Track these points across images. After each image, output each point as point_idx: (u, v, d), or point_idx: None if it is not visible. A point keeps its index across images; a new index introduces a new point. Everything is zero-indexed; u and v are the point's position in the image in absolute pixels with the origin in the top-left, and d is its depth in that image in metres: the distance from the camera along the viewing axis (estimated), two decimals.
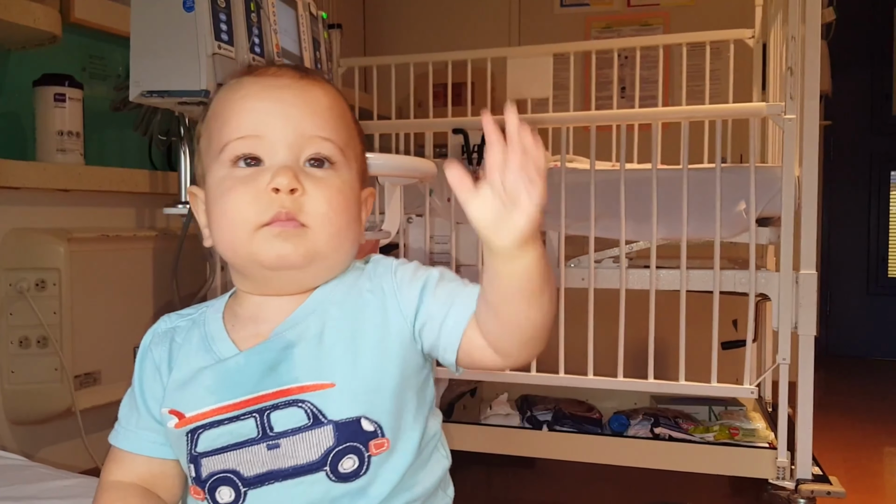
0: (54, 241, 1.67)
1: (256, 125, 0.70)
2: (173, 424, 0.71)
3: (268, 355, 0.70)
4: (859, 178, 4.32)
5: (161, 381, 0.74)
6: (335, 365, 0.69)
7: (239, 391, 0.69)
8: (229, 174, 0.70)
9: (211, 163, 0.72)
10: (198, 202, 0.76)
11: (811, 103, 1.69)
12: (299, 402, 0.68)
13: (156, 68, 1.35)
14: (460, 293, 0.72)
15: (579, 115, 2.41)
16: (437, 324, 0.70)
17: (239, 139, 0.70)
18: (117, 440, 0.76)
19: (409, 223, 2.06)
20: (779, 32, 2.01)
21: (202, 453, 0.70)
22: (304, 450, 0.68)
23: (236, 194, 0.69)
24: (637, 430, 2.00)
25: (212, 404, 0.70)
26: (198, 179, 0.76)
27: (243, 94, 0.72)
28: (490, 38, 3.29)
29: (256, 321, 0.73)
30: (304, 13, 1.66)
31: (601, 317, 1.87)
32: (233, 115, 0.71)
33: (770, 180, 1.78)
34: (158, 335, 0.77)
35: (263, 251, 0.68)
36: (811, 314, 1.71)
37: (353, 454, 0.68)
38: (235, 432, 0.69)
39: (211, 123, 0.73)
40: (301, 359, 0.69)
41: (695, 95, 2.51)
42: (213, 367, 0.71)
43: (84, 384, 1.72)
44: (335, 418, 0.68)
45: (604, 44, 2.75)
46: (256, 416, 0.68)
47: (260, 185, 0.68)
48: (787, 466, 1.74)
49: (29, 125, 1.77)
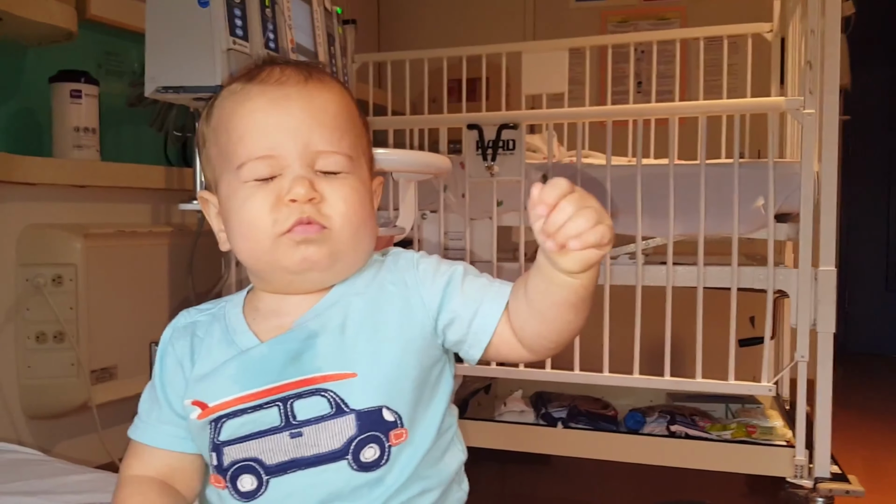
0: (71, 237, 1.68)
1: (271, 146, 0.71)
2: (196, 416, 0.72)
3: (291, 345, 0.71)
4: (878, 173, 4.28)
5: (183, 375, 0.75)
6: (358, 355, 0.70)
7: (262, 380, 0.70)
8: (245, 186, 0.71)
9: (223, 173, 0.73)
10: (210, 208, 0.77)
11: (831, 98, 1.67)
12: (322, 392, 0.69)
13: (171, 64, 1.35)
14: (489, 291, 0.73)
15: (595, 110, 2.40)
16: (466, 321, 0.72)
17: (256, 160, 0.71)
18: (137, 434, 0.77)
19: (424, 219, 2.05)
20: (797, 26, 1.99)
21: (225, 442, 0.70)
22: (327, 438, 0.69)
23: (255, 204, 0.70)
24: (653, 428, 1.99)
25: (235, 393, 0.71)
26: (208, 185, 0.77)
27: (251, 109, 0.72)
28: (505, 33, 3.27)
29: (279, 315, 0.74)
30: (318, 8, 1.66)
31: (617, 313, 1.85)
32: (245, 132, 0.72)
33: (789, 176, 1.76)
34: (178, 329, 0.78)
35: (287, 257, 0.70)
36: (830, 311, 1.69)
37: (375, 443, 0.69)
38: (259, 421, 0.70)
39: (220, 134, 0.74)
40: (324, 349, 0.70)
41: (712, 90, 2.48)
42: (237, 357, 0.72)
43: (100, 379, 1.73)
44: (357, 407, 0.69)
45: (620, 38, 2.73)
46: (280, 404, 0.69)
47: (278, 196, 0.70)
48: (805, 465, 1.72)
49: (45, 121, 1.78)
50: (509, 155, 1.92)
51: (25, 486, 1.15)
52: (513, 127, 1.91)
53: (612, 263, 1.88)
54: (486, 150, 1.93)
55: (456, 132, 2.01)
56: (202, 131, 0.77)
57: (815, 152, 1.71)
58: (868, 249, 4.27)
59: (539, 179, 0.67)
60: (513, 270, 1.97)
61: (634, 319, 1.84)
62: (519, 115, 1.97)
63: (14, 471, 1.23)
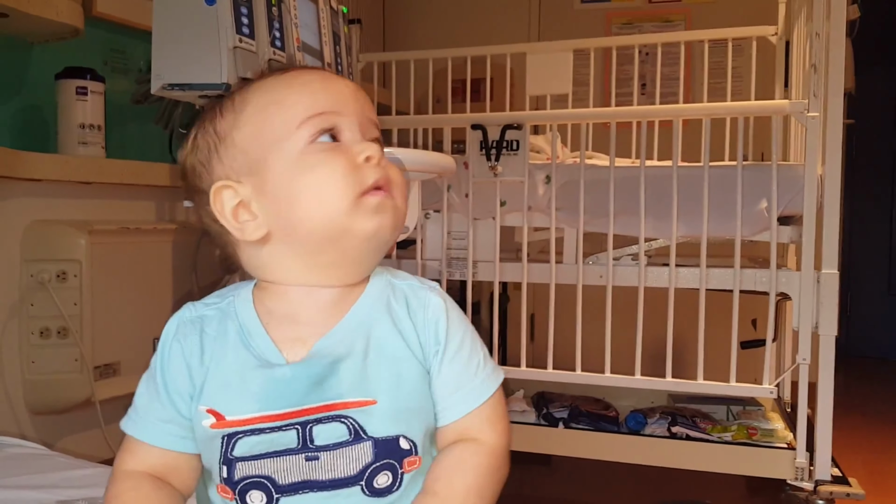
0: (75, 233, 1.69)
1: (333, 103, 0.72)
2: (209, 424, 0.70)
3: (316, 370, 0.70)
4: (882, 177, 4.28)
5: (189, 374, 0.72)
6: (379, 383, 0.70)
7: (285, 402, 0.69)
8: (310, 149, 0.70)
9: (273, 146, 0.71)
10: (227, 200, 0.72)
11: (835, 101, 1.67)
12: (342, 418, 0.69)
13: (177, 61, 1.36)
14: (467, 385, 0.74)
15: (599, 112, 2.40)
16: (441, 397, 0.73)
17: (319, 115, 0.70)
18: (135, 430, 0.74)
19: (427, 218, 2.06)
20: (802, 29, 1.99)
21: (238, 457, 0.69)
22: (344, 464, 0.68)
23: (332, 164, 0.69)
24: (654, 429, 1.99)
25: (255, 412, 0.69)
26: (230, 173, 0.73)
27: (304, 80, 0.73)
28: (509, 34, 3.28)
29: (295, 322, 0.73)
30: (324, 8, 1.66)
31: (619, 314, 1.86)
32: (302, 96, 0.72)
33: (792, 178, 1.76)
34: (185, 323, 0.75)
35: (364, 221, 0.69)
36: (832, 314, 1.69)
37: (389, 470, 0.69)
38: (276, 441, 0.69)
39: (258, 114, 0.72)
40: (347, 375, 0.70)
41: (716, 93, 2.49)
42: (261, 374, 0.70)
43: (104, 375, 1.74)
44: (375, 435, 0.69)
45: (624, 40, 2.73)
46: (299, 427, 0.69)
47: (349, 158, 0.70)
48: (805, 467, 1.72)
49: (51, 118, 1.79)
50: (513, 155, 1.92)
51: (29, 480, 1.16)
52: (517, 127, 1.92)
53: (614, 265, 1.89)
54: (490, 150, 1.93)
55: (460, 132, 2.02)
56: (213, 128, 0.74)
57: (818, 155, 1.71)
58: (871, 253, 4.27)
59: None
60: (515, 270, 1.97)
61: (636, 320, 1.84)
62: (523, 116, 1.98)
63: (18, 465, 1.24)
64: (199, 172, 0.75)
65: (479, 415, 0.73)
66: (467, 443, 0.73)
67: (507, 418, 0.76)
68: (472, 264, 1.99)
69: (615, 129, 1.87)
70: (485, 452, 0.73)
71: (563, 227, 1.97)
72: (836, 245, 1.69)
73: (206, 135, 0.75)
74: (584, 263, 1.91)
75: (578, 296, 1.89)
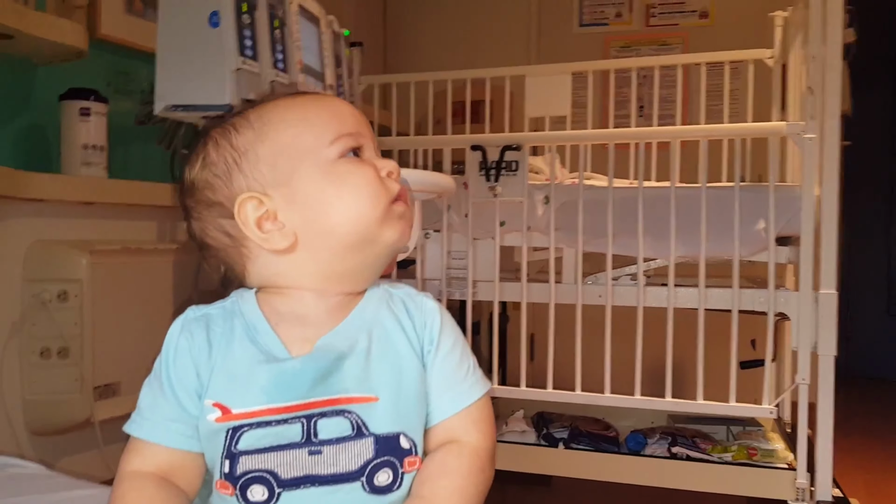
0: (77, 253, 1.69)
1: (357, 125, 0.78)
2: (214, 418, 0.71)
3: (322, 363, 0.72)
4: (880, 198, 4.29)
5: (195, 371, 0.73)
6: (380, 379, 0.73)
7: (292, 395, 0.71)
8: (341, 162, 0.75)
9: (304, 158, 0.75)
10: (254, 209, 0.74)
11: (831, 123, 1.68)
12: (346, 413, 0.71)
13: (181, 83, 1.37)
14: (456, 387, 0.77)
15: (597, 133, 2.42)
16: (431, 396, 0.76)
17: (349, 135, 0.76)
18: (139, 431, 0.74)
19: (427, 238, 2.06)
20: (798, 53, 2.01)
21: (242, 451, 0.70)
22: (346, 459, 0.70)
23: (365, 175, 0.75)
24: (654, 449, 1.99)
25: (263, 404, 0.71)
26: (254, 185, 0.75)
27: (330, 103, 0.80)
28: (509, 57, 3.31)
29: (304, 323, 0.75)
30: (326, 30, 1.68)
31: (618, 334, 1.86)
32: (333, 116, 0.77)
33: (789, 199, 1.77)
34: (190, 321, 0.76)
35: (392, 228, 0.75)
36: (831, 334, 1.69)
37: (389, 468, 0.71)
38: (280, 435, 0.70)
39: (293, 127, 0.76)
40: (350, 370, 0.72)
41: (713, 115, 2.50)
42: (269, 367, 0.72)
43: (103, 395, 1.74)
44: (377, 432, 0.71)
45: (622, 63, 2.75)
46: (304, 421, 0.70)
47: (376, 169, 0.76)
48: (806, 488, 1.72)
49: (54, 138, 1.80)
50: (512, 176, 1.93)
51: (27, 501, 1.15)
52: (516, 148, 1.93)
53: (613, 284, 1.89)
54: (490, 170, 1.94)
55: (460, 153, 2.03)
56: (229, 143, 0.77)
57: (816, 176, 1.72)
58: (870, 273, 4.28)
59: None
60: (515, 289, 1.97)
61: (636, 340, 1.84)
62: (522, 137, 1.99)
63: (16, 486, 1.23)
64: (215, 186, 0.77)
65: (467, 416, 0.76)
66: (452, 445, 0.75)
67: (493, 423, 0.79)
68: (471, 284, 2.00)
69: (613, 151, 1.88)
70: (468, 453, 0.74)
71: (563, 247, 1.98)
72: (835, 265, 1.69)
73: (221, 150, 0.77)
74: (583, 283, 1.92)
75: (578, 315, 1.90)
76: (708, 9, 3.31)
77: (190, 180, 0.79)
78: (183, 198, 0.80)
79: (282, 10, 1.48)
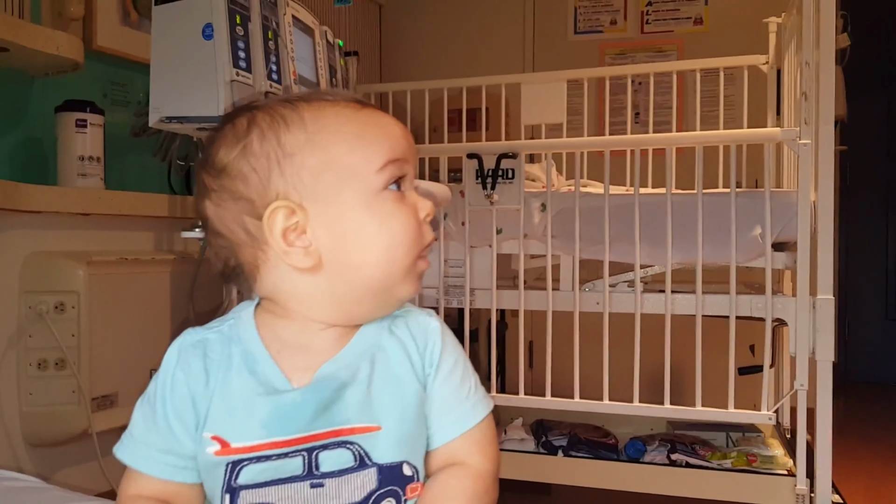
0: (74, 265, 1.69)
1: (405, 149, 0.73)
2: (213, 451, 0.69)
3: (323, 394, 0.70)
4: (877, 202, 4.30)
5: (192, 404, 0.71)
6: (383, 408, 0.70)
7: (292, 428, 0.69)
8: (385, 196, 0.71)
9: (350, 181, 0.70)
10: (285, 219, 0.69)
11: (826, 128, 1.69)
12: (348, 444, 0.69)
13: (175, 95, 1.38)
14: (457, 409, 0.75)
15: (593, 141, 2.43)
16: (432, 419, 0.74)
17: (397, 161, 0.72)
18: (132, 459, 0.73)
19: None
20: (793, 58, 2.01)
21: (242, 485, 0.69)
22: (349, 491, 0.68)
23: (406, 217, 0.72)
24: (653, 457, 1.98)
25: (262, 438, 0.69)
26: (291, 192, 0.70)
27: (385, 122, 0.74)
28: (505, 65, 3.32)
29: (308, 352, 0.72)
30: (320, 41, 1.69)
31: (616, 341, 1.86)
32: (386, 138, 0.72)
33: (785, 205, 1.77)
34: (187, 348, 0.73)
35: (410, 283, 0.73)
36: (828, 340, 1.69)
37: (392, 497, 0.70)
38: (281, 468, 0.68)
39: (345, 143, 0.71)
40: (352, 400, 0.70)
41: (709, 121, 2.51)
42: (268, 400, 0.70)
43: (101, 406, 1.74)
44: (380, 462, 0.69)
45: (618, 70, 2.77)
46: (305, 454, 0.69)
47: (415, 211, 0.73)
48: (806, 494, 1.71)
49: (51, 150, 1.81)
50: (508, 184, 1.94)
51: None
52: (512, 156, 1.93)
53: (610, 291, 1.89)
54: (486, 178, 1.94)
55: (456, 161, 2.03)
56: (277, 139, 0.71)
57: (811, 182, 1.73)
58: (868, 278, 4.28)
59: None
60: (512, 297, 1.97)
61: (634, 347, 1.84)
62: (518, 145, 1.99)
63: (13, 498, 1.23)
64: (250, 179, 0.70)
65: (469, 438, 0.74)
66: (455, 468, 0.73)
67: (496, 444, 0.77)
68: (469, 292, 2.00)
69: (609, 158, 1.89)
70: (472, 476, 0.72)
71: (560, 254, 1.98)
72: (831, 271, 1.69)
73: (265, 143, 0.71)
74: (580, 290, 1.92)
75: (576, 323, 1.90)
76: (702, 15, 3.32)
77: (222, 163, 0.72)
78: (207, 176, 0.73)
79: (275, 21, 1.48)
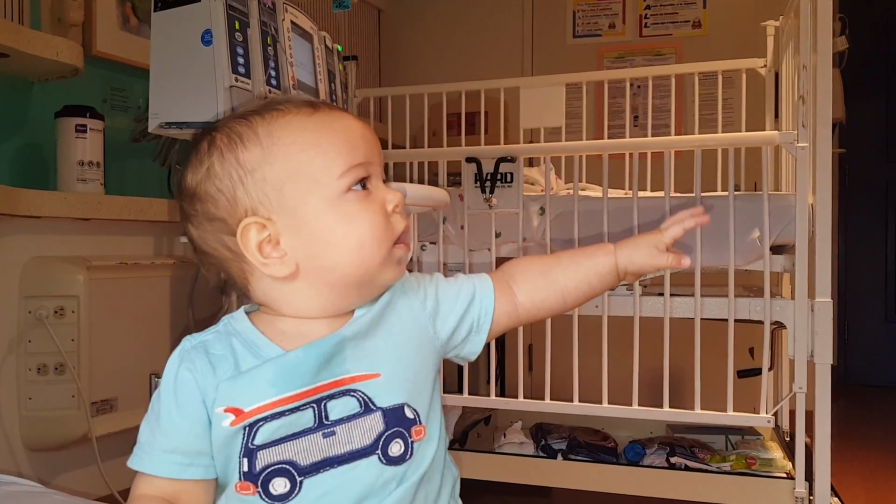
0: (74, 269, 1.70)
1: (366, 152, 0.77)
2: (229, 423, 0.72)
3: (323, 349, 0.75)
4: (876, 204, 4.30)
5: (200, 396, 0.74)
6: (380, 357, 0.76)
7: (298, 383, 0.73)
8: (348, 198, 0.75)
9: (311, 190, 0.74)
10: (253, 236, 0.74)
11: (823, 131, 1.69)
12: (352, 392, 0.74)
13: (174, 100, 1.38)
14: (469, 282, 0.85)
15: (592, 144, 2.42)
16: (466, 313, 0.82)
17: (358, 166, 0.75)
18: (140, 464, 0.75)
19: (423, 250, 2.07)
20: (790, 62, 2.02)
21: (259, 446, 0.72)
22: (359, 435, 0.73)
23: (372, 214, 0.75)
24: (653, 460, 1.99)
25: (273, 396, 0.72)
26: (258, 208, 0.74)
27: (341, 127, 0.77)
28: (503, 69, 3.33)
29: (308, 337, 0.76)
30: (319, 46, 1.69)
31: (615, 345, 1.86)
32: (344, 145, 0.76)
33: (784, 208, 1.78)
34: (188, 351, 0.76)
35: (391, 270, 0.77)
36: (827, 342, 1.69)
37: (400, 439, 0.74)
38: (294, 423, 0.72)
39: (302, 153, 0.74)
40: (351, 352, 0.75)
41: (707, 124, 2.52)
42: (272, 362, 0.74)
43: (101, 411, 1.74)
44: (383, 405, 0.74)
45: (616, 73, 2.77)
46: (314, 406, 0.73)
47: (382, 207, 0.76)
48: (805, 497, 1.71)
49: (51, 155, 1.81)
50: (507, 188, 1.94)
51: None
52: (511, 160, 1.94)
53: (609, 295, 1.89)
54: (485, 182, 1.95)
55: (455, 165, 2.04)
56: (235, 158, 0.74)
57: (809, 185, 1.73)
58: (867, 280, 4.28)
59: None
60: None
61: (633, 351, 1.84)
62: (517, 149, 2.00)
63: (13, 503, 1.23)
64: (218, 201, 0.75)
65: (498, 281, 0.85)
66: None
67: None
68: None
69: (608, 161, 1.89)
70: None
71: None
72: (829, 273, 1.70)
73: (226, 164, 0.75)
74: None
75: (574, 326, 1.90)
76: (701, 19, 3.32)
77: (191, 188, 0.77)
78: (182, 202, 0.79)
79: (274, 27, 1.49)
